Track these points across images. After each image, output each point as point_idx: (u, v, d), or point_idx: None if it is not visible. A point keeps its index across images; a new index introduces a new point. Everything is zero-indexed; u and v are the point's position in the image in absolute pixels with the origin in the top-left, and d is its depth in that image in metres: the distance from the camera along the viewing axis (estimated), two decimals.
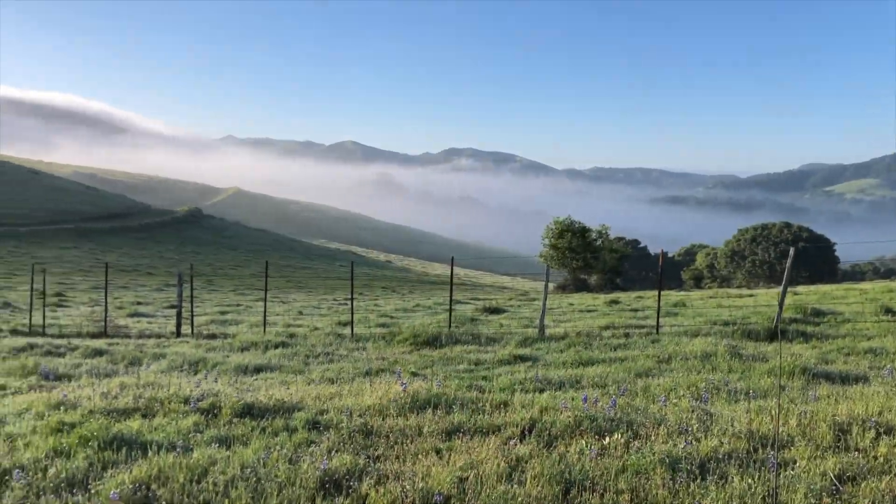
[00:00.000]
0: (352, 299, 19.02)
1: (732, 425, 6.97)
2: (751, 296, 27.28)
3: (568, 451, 6.44)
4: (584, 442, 6.67)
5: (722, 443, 6.46)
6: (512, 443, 6.67)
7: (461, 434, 7.04)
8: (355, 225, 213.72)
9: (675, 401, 8.25)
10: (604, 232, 49.46)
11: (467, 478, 5.71)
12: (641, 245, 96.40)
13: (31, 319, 20.26)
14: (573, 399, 8.36)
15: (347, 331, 17.70)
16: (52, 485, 5.68)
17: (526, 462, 6.13)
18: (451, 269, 18.16)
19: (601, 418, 7.24)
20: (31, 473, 5.86)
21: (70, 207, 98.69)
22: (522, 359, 12.68)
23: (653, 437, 6.73)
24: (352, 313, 18.37)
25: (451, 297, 18.32)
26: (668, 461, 5.96)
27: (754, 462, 6.05)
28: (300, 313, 26.65)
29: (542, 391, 9.27)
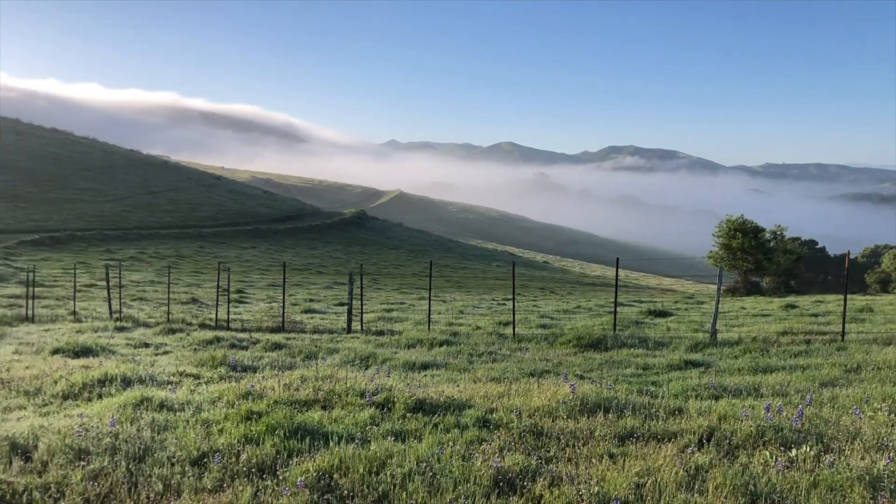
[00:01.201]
0: (513, 300, 19.07)
1: None
2: None
3: (751, 462, 6.11)
4: (767, 453, 6.31)
5: None
6: (689, 450, 6.42)
7: (634, 439, 6.87)
8: (512, 225, 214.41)
9: (869, 413, 7.62)
10: (779, 232, 46.72)
11: (644, 484, 5.55)
12: (819, 246, 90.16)
13: (216, 314, 21.88)
14: (753, 407, 7.93)
15: (509, 330, 17.78)
16: (244, 469, 6.07)
17: (706, 471, 5.87)
18: (616, 270, 17.79)
19: (787, 429, 6.82)
20: (225, 457, 6.30)
21: (249, 210, 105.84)
22: (694, 364, 12.21)
23: (847, 452, 6.25)
24: (513, 313, 18.42)
25: (615, 298, 17.94)
26: (867, 479, 5.50)
27: None
28: (461, 312, 27.08)
29: (717, 398, 8.87)
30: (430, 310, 20.72)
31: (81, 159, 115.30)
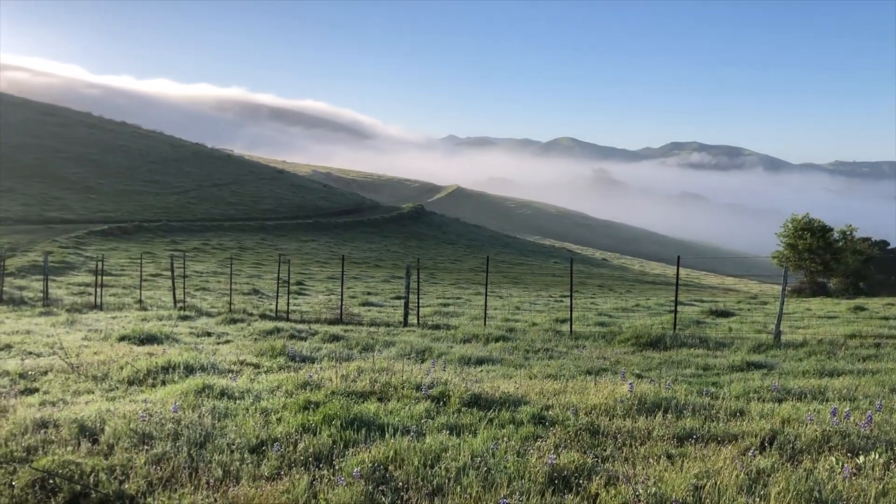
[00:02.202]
0: (571, 297, 18.91)
1: None
2: None
3: (815, 468, 5.93)
4: (833, 459, 6.12)
5: None
6: (750, 453, 6.26)
7: (693, 440, 6.74)
8: (571, 222, 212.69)
9: None
10: (848, 232, 45.20)
11: (703, 486, 5.43)
12: (891, 247, 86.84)
13: (276, 305, 22.26)
14: (818, 412, 7.70)
15: (565, 328, 17.63)
16: (301, 458, 6.16)
17: (768, 475, 5.72)
18: (678, 268, 17.48)
19: (854, 434, 6.61)
20: (283, 446, 6.40)
21: (309, 203, 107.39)
22: (756, 366, 11.91)
23: None
24: (570, 311, 18.26)
25: (676, 297, 17.63)
26: None
27: None
28: (517, 308, 26.98)
29: (780, 401, 8.62)
30: (486, 305, 20.69)
31: (149, 152, 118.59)
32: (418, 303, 20.79)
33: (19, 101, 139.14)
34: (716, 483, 5.49)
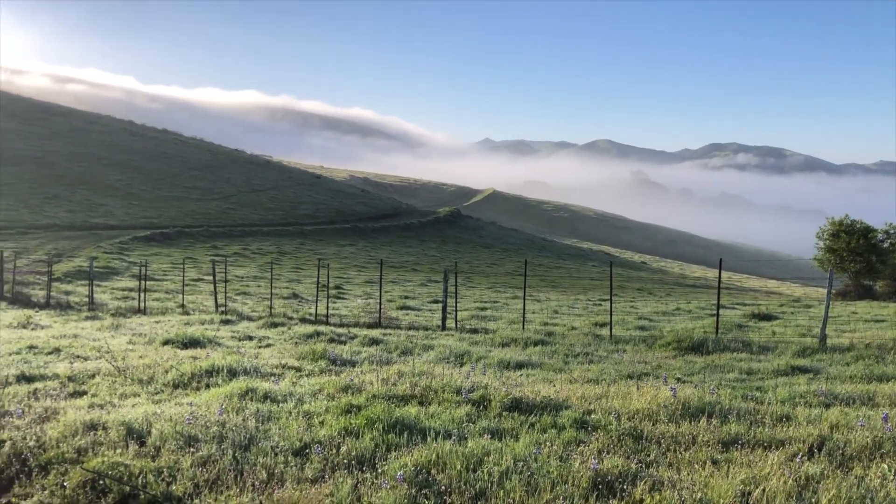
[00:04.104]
0: (610, 300, 18.77)
1: None
2: None
3: (867, 475, 5.80)
4: (885, 466, 5.97)
5: None
6: (798, 460, 6.14)
7: (739, 446, 6.64)
8: (608, 224, 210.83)
9: None
10: (892, 232, 44.09)
11: (750, 493, 5.34)
12: None
13: (316, 309, 22.45)
14: (868, 417, 7.52)
15: (605, 332, 17.49)
16: (344, 461, 6.20)
17: (818, 482, 5.60)
18: (720, 271, 17.24)
19: None
20: (326, 449, 6.45)
21: (347, 208, 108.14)
22: (801, 370, 11.68)
23: None
24: (610, 314, 18.12)
25: (718, 300, 17.39)
26: None
27: None
28: (555, 312, 26.83)
29: (828, 406, 8.45)
30: (524, 309, 20.63)
31: (189, 159, 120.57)
32: (456, 306, 20.80)
33: (65, 111, 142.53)
34: (764, 490, 5.39)
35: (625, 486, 5.56)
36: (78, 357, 12.18)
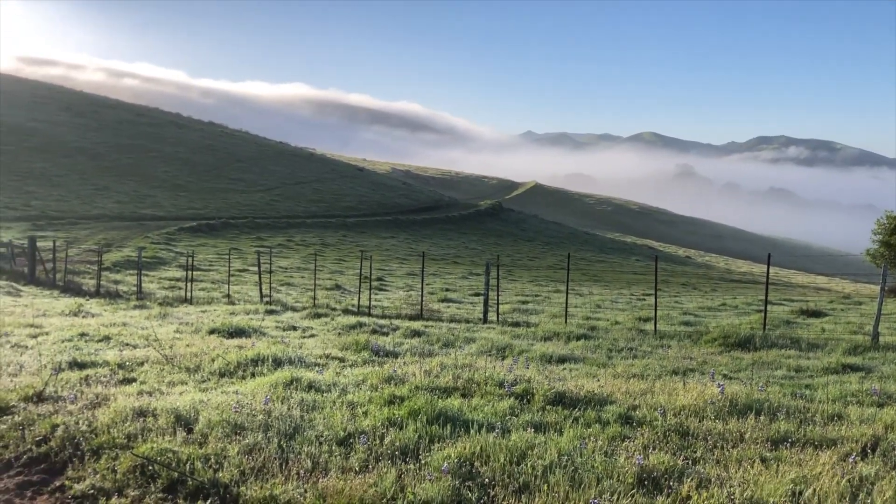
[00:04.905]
0: (655, 295, 18.51)
1: None
2: None
3: None
4: None
5: None
6: (851, 459, 5.99)
7: (789, 444, 6.50)
8: (653, 218, 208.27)
9: None
10: None
11: (801, 492, 5.23)
12: None
13: (359, 300, 22.60)
14: None
15: (649, 326, 17.27)
16: (388, 451, 6.22)
17: (872, 483, 5.46)
18: (768, 266, 16.89)
19: None
20: (370, 439, 6.48)
21: (389, 201, 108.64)
22: (852, 368, 11.39)
23: None
24: (655, 309, 17.88)
25: (766, 296, 17.06)
26: None
27: None
28: (598, 306, 26.61)
29: (881, 406, 8.23)
30: (566, 303, 20.48)
31: (235, 151, 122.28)
32: (497, 300, 20.75)
33: (113, 103, 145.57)
34: (815, 490, 5.27)
35: (671, 483, 5.48)
36: (127, 345, 12.44)
